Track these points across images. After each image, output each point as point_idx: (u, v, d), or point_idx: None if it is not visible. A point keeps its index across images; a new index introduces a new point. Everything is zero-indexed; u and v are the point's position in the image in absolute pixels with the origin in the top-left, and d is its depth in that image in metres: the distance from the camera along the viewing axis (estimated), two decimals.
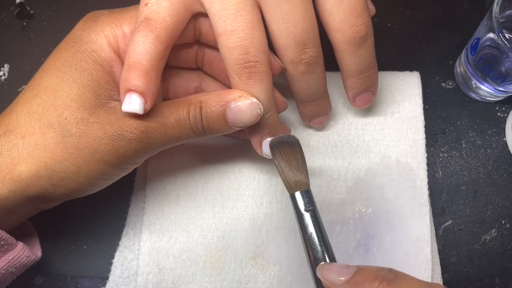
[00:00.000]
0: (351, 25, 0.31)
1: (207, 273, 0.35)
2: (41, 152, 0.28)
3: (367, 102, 0.36)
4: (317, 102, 0.35)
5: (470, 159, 0.40)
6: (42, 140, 0.29)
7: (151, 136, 0.29)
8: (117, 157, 0.29)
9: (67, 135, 0.28)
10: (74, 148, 0.28)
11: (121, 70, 0.30)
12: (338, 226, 0.36)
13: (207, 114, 0.29)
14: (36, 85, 0.30)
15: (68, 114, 0.29)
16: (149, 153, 0.30)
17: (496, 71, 0.37)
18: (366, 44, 0.32)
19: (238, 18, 0.28)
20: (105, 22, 0.30)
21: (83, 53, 0.30)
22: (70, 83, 0.29)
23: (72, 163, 0.29)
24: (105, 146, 0.28)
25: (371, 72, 0.34)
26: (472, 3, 0.45)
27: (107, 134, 0.28)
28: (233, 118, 0.29)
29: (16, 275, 0.32)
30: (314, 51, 0.31)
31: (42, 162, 0.28)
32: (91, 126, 0.28)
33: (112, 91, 0.30)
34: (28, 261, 0.32)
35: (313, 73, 0.32)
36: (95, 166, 0.29)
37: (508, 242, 0.38)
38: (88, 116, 0.29)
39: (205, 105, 0.29)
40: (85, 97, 0.29)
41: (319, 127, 0.38)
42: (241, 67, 0.29)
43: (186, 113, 0.29)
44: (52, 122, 0.29)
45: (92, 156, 0.29)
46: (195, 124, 0.29)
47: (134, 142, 0.29)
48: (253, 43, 0.29)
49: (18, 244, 0.31)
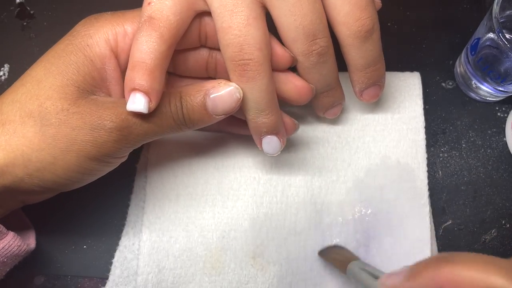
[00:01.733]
0: (356, 19, 0.30)
1: (207, 273, 0.35)
2: (18, 140, 0.28)
3: (375, 96, 0.35)
4: (331, 93, 0.34)
5: (470, 159, 0.40)
6: (21, 128, 0.28)
7: (131, 126, 0.29)
8: (97, 148, 0.29)
9: (46, 124, 0.28)
10: (52, 138, 0.28)
11: (114, 68, 0.31)
12: (338, 227, 0.36)
13: (187, 103, 0.29)
14: (26, 76, 0.30)
15: (49, 104, 0.28)
16: (129, 145, 0.30)
17: (496, 71, 0.37)
18: (372, 37, 0.31)
19: (234, 15, 0.28)
20: (107, 20, 0.30)
21: (75, 46, 0.30)
22: (55, 74, 0.29)
23: (49, 153, 0.28)
24: (83, 136, 0.28)
25: (378, 66, 0.33)
26: (472, 3, 0.45)
27: (86, 124, 0.28)
28: (213, 105, 0.29)
29: (9, 267, 0.32)
30: (324, 41, 0.30)
31: (19, 150, 0.28)
32: (71, 116, 0.28)
33: (95, 88, 0.30)
34: (19, 251, 0.31)
35: (325, 63, 0.31)
36: (73, 158, 0.29)
37: (508, 242, 0.38)
38: (68, 106, 0.28)
39: (185, 94, 0.29)
40: (67, 89, 0.29)
41: (334, 117, 0.37)
42: (235, 64, 0.29)
43: (167, 103, 0.29)
44: (32, 111, 0.28)
45: (69, 147, 0.28)
46: (176, 113, 0.29)
47: (114, 132, 0.28)
48: (247, 40, 0.28)
49: (8, 233, 0.31)
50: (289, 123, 0.34)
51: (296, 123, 0.35)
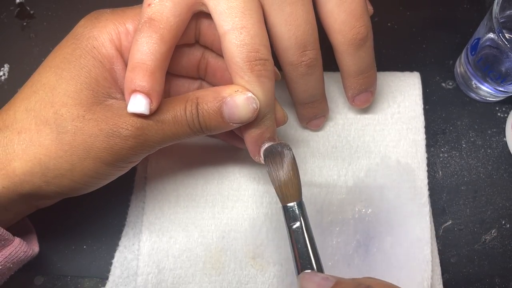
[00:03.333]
0: (351, 27, 0.31)
1: (207, 273, 0.35)
2: (35, 148, 0.28)
3: (366, 102, 0.37)
4: (315, 104, 0.35)
5: (470, 159, 0.40)
6: (38, 136, 0.28)
7: (147, 133, 0.29)
8: (113, 155, 0.29)
9: (62, 132, 0.28)
10: (69, 145, 0.28)
11: (122, 68, 0.30)
12: (338, 227, 0.36)
13: (204, 110, 0.29)
14: (35, 82, 0.30)
15: (64, 111, 0.28)
16: (145, 152, 0.30)
17: (496, 71, 0.37)
18: (365, 45, 0.32)
19: (246, 16, 0.28)
20: (108, 19, 0.30)
21: (83, 49, 0.29)
22: (68, 80, 0.29)
23: (67, 161, 0.28)
24: (100, 143, 0.28)
25: (370, 73, 0.34)
26: (472, 3, 0.45)
27: (102, 131, 0.28)
28: (229, 113, 0.29)
29: (14, 270, 0.32)
30: (314, 53, 0.31)
31: (37, 158, 0.28)
32: (86, 123, 0.28)
33: (111, 89, 0.30)
34: (25, 256, 0.32)
35: (312, 75, 0.33)
36: (90, 164, 0.29)
37: (508, 242, 0.38)
38: (84, 113, 0.28)
39: (201, 101, 0.29)
40: (82, 94, 0.29)
41: (317, 128, 0.38)
42: (251, 65, 0.28)
43: (183, 109, 0.29)
44: (48, 119, 0.28)
45: (87, 154, 0.28)
46: (191, 120, 0.29)
47: (130, 139, 0.28)
48: (263, 41, 0.28)
49: (15, 239, 0.31)
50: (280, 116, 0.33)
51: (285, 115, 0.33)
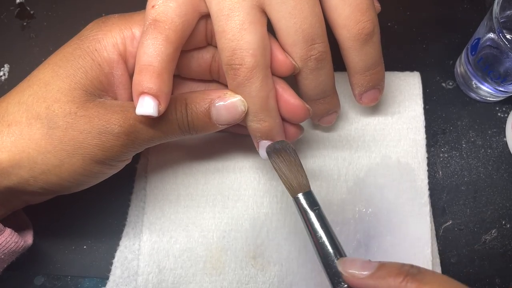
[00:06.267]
0: (357, 22, 0.30)
1: (207, 273, 0.35)
2: (25, 142, 0.28)
3: (374, 99, 0.35)
4: (327, 100, 0.34)
5: (470, 159, 0.40)
6: (28, 130, 0.28)
7: (138, 131, 0.29)
8: (104, 152, 0.29)
9: (53, 127, 0.28)
10: (58, 141, 0.28)
11: (122, 73, 0.31)
12: (338, 227, 0.36)
13: (192, 111, 0.30)
14: (32, 77, 0.30)
15: (56, 107, 0.28)
16: (135, 149, 0.30)
17: (496, 71, 0.37)
18: (372, 40, 0.31)
19: (229, 19, 0.28)
20: (114, 24, 0.30)
21: (83, 50, 0.30)
22: (63, 78, 0.29)
23: (55, 156, 0.28)
24: (91, 139, 0.28)
25: (378, 69, 0.33)
26: (472, 3, 0.45)
27: (94, 128, 0.28)
28: (217, 115, 0.30)
29: (6, 263, 0.32)
30: (322, 46, 0.30)
31: (25, 152, 0.28)
32: (78, 120, 0.28)
33: (102, 92, 0.30)
34: (16, 247, 0.31)
35: (322, 70, 0.31)
36: (79, 161, 0.29)
37: (509, 242, 0.38)
38: (76, 110, 0.28)
39: (190, 102, 0.30)
40: (75, 93, 0.29)
41: (329, 125, 0.37)
42: (228, 68, 0.29)
43: (173, 109, 0.29)
44: (40, 113, 0.28)
45: (76, 150, 0.28)
46: (181, 120, 0.30)
47: (122, 136, 0.29)
48: (239, 45, 0.28)
49: (5, 230, 0.31)
50: (291, 129, 0.33)
51: (300, 128, 0.34)
